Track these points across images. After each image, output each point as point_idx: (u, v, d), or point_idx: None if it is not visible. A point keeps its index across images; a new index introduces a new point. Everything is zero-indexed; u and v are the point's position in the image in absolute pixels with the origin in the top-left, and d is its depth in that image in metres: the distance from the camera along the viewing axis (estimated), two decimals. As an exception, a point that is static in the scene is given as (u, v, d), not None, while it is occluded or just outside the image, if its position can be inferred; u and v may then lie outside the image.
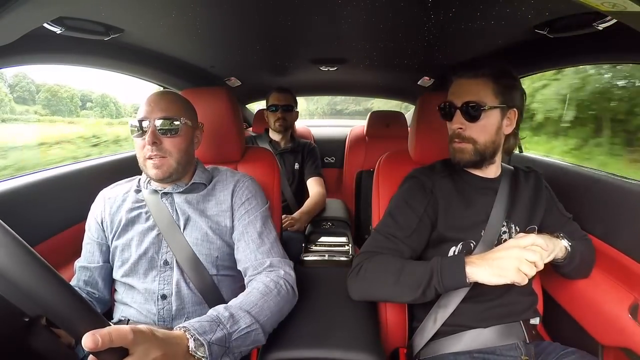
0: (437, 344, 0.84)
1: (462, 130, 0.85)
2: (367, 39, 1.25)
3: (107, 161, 1.38)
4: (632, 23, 0.55)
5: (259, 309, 0.70)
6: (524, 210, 0.89)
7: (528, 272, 0.66)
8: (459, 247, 0.85)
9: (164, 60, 1.39)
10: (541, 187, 0.93)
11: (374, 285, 0.81)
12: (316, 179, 1.81)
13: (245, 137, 1.42)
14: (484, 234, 0.85)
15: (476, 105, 0.82)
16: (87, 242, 0.90)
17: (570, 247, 0.80)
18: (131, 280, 0.84)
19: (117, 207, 0.90)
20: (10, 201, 0.93)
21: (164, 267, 0.84)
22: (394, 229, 0.86)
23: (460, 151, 0.86)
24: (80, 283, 0.87)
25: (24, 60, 0.93)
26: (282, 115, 1.79)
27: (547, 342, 0.86)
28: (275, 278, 0.79)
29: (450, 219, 0.86)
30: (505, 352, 0.81)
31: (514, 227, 0.88)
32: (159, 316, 0.81)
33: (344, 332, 0.80)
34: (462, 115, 0.84)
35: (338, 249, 1.49)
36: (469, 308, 0.83)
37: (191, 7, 0.91)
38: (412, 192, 0.90)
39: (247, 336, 0.66)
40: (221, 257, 0.86)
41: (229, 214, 0.89)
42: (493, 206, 0.87)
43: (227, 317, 0.65)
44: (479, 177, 0.92)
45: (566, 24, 0.90)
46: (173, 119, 0.83)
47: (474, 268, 0.71)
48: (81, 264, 0.89)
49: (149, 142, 0.81)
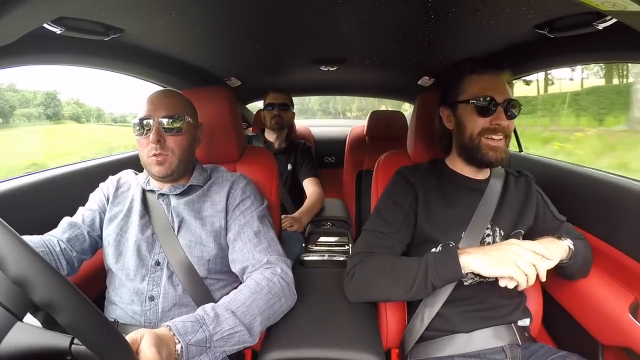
0: (423, 347, 0.84)
1: (506, 127, 0.82)
2: (367, 39, 1.25)
3: (107, 161, 1.38)
4: (632, 23, 0.55)
5: (245, 309, 0.70)
6: (511, 214, 0.87)
7: (526, 270, 0.66)
8: (439, 248, 0.84)
9: (164, 60, 1.39)
10: (531, 191, 0.91)
11: (369, 287, 0.81)
12: (312, 179, 1.82)
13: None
14: (465, 234, 0.84)
15: (515, 104, 0.82)
16: (85, 208, 0.91)
17: (573, 247, 0.79)
18: (121, 274, 0.84)
19: (122, 192, 0.92)
20: (10, 201, 0.93)
21: (155, 267, 0.83)
22: (381, 226, 0.86)
23: (497, 150, 0.82)
24: (64, 236, 0.85)
25: (24, 60, 0.93)
26: (278, 113, 1.81)
27: (538, 344, 0.84)
28: (269, 275, 0.79)
29: (430, 216, 0.85)
30: (490, 355, 0.80)
31: (498, 231, 0.86)
32: (145, 317, 0.81)
33: (343, 332, 0.80)
34: (503, 111, 0.82)
35: (338, 249, 1.49)
36: (452, 312, 0.82)
37: (191, 7, 0.91)
38: (397, 188, 0.90)
39: (231, 337, 0.67)
40: (212, 260, 0.86)
41: (223, 214, 0.89)
42: (478, 207, 0.86)
43: (212, 317, 0.65)
44: (466, 178, 0.90)
45: (566, 23, 0.90)
46: (177, 117, 0.84)
47: (468, 257, 0.70)
48: (72, 220, 0.88)
49: (154, 140, 0.81)
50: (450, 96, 0.89)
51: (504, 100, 0.82)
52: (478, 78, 0.85)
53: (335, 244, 1.51)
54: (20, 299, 0.41)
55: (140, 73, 1.45)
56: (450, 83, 0.90)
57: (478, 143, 0.83)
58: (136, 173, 0.97)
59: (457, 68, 0.89)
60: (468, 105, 0.84)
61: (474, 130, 0.84)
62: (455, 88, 0.88)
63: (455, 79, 0.88)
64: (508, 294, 0.79)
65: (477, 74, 0.85)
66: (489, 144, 0.82)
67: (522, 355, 0.80)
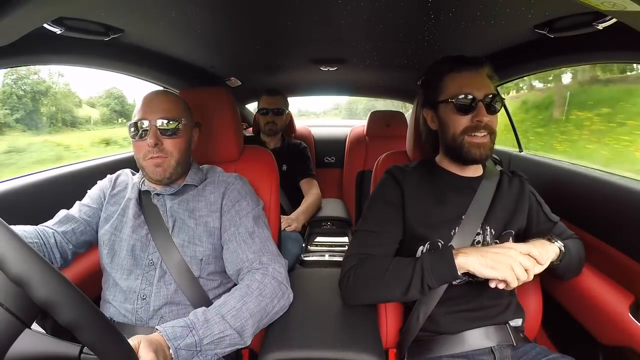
0: (417, 347, 0.84)
1: (488, 123, 0.81)
2: (367, 39, 1.25)
3: (106, 161, 1.38)
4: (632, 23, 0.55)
5: (236, 312, 0.71)
6: (503, 215, 0.87)
7: (520, 275, 0.66)
8: (427, 246, 0.84)
9: (164, 60, 1.39)
10: (524, 192, 0.90)
11: (365, 291, 0.81)
12: (309, 180, 1.81)
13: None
14: (457, 233, 0.83)
15: (496, 98, 0.82)
16: (82, 203, 0.92)
17: (564, 249, 0.79)
18: (115, 274, 0.84)
19: (119, 192, 0.92)
20: (10, 201, 0.93)
21: (149, 267, 0.83)
22: (372, 225, 0.86)
23: (481, 146, 0.81)
24: (60, 228, 0.85)
25: (24, 60, 0.93)
26: (272, 119, 1.81)
27: (531, 345, 0.83)
28: (260, 277, 0.78)
29: (419, 213, 0.85)
30: (478, 356, 0.79)
31: (489, 230, 0.85)
32: (136, 315, 0.81)
33: (343, 332, 0.80)
34: (484, 107, 0.81)
35: (338, 249, 1.49)
36: (439, 313, 0.82)
37: (191, 7, 0.91)
38: (384, 187, 0.90)
39: (221, 340, 0.68)
40: (206, 260, 0.86)
41: (217, 214, 0.88)
42: (470, 206, 0.85)
43: (202, 322, 0.67)
44: (456, 176, 0.89)
45: (566, 23, 0.90)
46: (174, 120, 0.83)
47: (465, 258, 0.70)
48: (69, 213, 0.88)
49: (151, 144, 0.81)
50: (431, 97, 0.88)
51: (484, 95, 0.81)
52: (456, 76, 0.84)
53: (335, 244, 1.52)
54: (28, 306, 0.41)
55: (140, 73, 1.45)
56: (430, 83, 0.89)
57: (462, 142, 0.82)
58: (133, 173, 0.97)
59: (436, 67, 0.88)
60: (448, 105, 0.83)
61: (457, 129, 0.83)
62: (435, 88, 0.87)
63: (435, 79, 0.87)
64: (496, 294, 0.80)
65: (455, 71, 0.84)
66: (472, 142, 0.81)
67: (512, 356, 0.80)
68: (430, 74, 0.90)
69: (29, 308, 0.41)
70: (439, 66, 0.87)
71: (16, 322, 0.40)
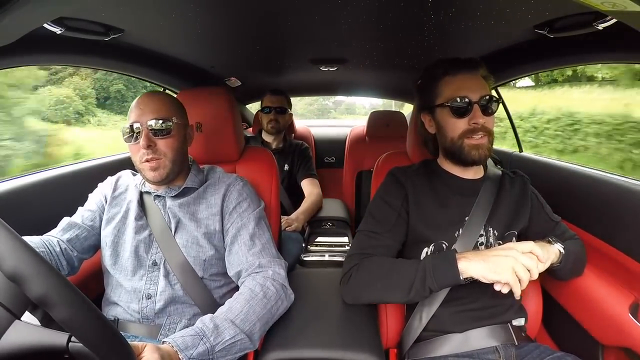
0: (420, 347, 0.84)
1: (486, 124, 0.82)
2: (367, 39, 1.25)
3: (106, 161, 1.38)
4: (632, 23, 0.55)
5: (244, 316, 0.71)
6: (506, 215, 0.87)
7: (522, 276, 0.66)
8: (431, 248, 0.84)
9: (164, 61, 1.39)
10: (527, 192, 0.91)
11: (366, 291, 0.81)
12: (310, 179, 1.81)
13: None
14: (461, 235, 0.83)
15: (492, 98, 0.82)
16: (85, 209, 0.92)
17: (564, 250, 0.79)
18: (119, 275, 0.84)
19: (120, 194, 0.92)
20: (10, 201, 0.93)
21: (152, 267, 0.84)
22: (374, 226, 0.86)
23: (480, 147, 0.82)
24: (64, 236, 0.85)
25: (24, 60, 0.93)
26: (275, 117, 1.82)
27: (534, 344, 0.83)
28: (261, 280, 0.79)
29: (422, 215, 0.85)
30: (483, 355, 0.79)
31: (492, 231, 0.85)
32: (142, 314, 0.81)
33: (343, 332, 0.80)
34: (480, 109, 0.81)
35: (338, 249, 1.49)
36: (444, 312, 0.82)
37: (191, 8, 0.91)
38: (388, 188, 0.90)
39: (233, 346, 0.68)
40: (208, 260, 0.86)
41: (218, 217, 0.89)
42: (473, 207, 0.85)
43: (211, 329, 0.66)
44: (458, 178, 0.90)
45: (566, 24, 0.90)
46: (164, 120, 0.83)
47: (467, 263, 0.70)
48: (72, 220, 0.89)
49: (144, 145, 0.81)
50: (427, 101, 0.89)
51: (480, 97, 0.81)
52: (451, 79, 0.84)
53: (335, 244, 1.52)
54: (19, 298, 0.41)
55: (140, 73, 1.45)
56: (425, 87, 0.90)
57: (460, 145, 0.83)
58: (134, 173, 0.97)
59: (430, 71, 0.88)
60: (444, 109, 0.84)
61: (455, 133, 0.84)
62: (431, 92, 0.87)
63: (430, 83, 0.88)
64: (500, 293, 0.80)
65: (450, 75, 0.84)
66: (471, 144, 0.82)
67: (517, 355, 0.80)
68: (426, 78, 0.91)
69: (20, 300, 0.41)
70: (434, 70, 0.87)
71: (6, 314, 0.41)
